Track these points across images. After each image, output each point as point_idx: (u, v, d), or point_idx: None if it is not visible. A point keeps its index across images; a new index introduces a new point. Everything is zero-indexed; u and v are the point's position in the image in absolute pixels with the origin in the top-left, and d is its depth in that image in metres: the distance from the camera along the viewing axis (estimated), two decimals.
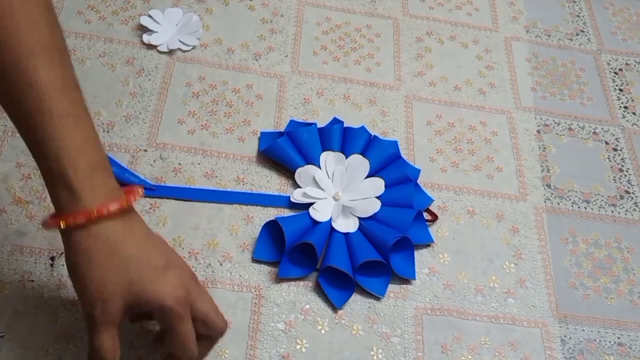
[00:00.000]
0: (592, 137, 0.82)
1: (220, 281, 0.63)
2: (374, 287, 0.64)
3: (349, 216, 0.68)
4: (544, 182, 0.77)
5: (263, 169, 0.72)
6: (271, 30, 0.84)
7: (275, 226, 0.65)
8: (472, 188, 0.74)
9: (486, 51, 0.88)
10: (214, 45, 0.81)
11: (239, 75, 0.79)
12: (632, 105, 0.86)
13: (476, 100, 0.83)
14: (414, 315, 0.64)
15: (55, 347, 0.57)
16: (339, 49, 0.84)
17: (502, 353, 0.63)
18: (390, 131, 0.77)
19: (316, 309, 0.63)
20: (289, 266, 0.64)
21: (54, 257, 0.62)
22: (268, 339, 0.60)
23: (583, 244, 0.73)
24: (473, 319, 0.65)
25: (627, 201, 0.77)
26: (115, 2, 0.83)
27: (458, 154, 0.77)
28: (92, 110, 0.72)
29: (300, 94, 0.78)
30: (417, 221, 0.68)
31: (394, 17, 0.89)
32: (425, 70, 0.84)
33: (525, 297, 0.67)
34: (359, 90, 0.80)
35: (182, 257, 0.51)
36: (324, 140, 0.72)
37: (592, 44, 0.93)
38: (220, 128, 0.74)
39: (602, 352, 0.65)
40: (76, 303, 0.59)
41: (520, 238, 0.71)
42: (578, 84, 0.88)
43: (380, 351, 0.61)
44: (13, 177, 0.66)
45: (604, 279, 0.70)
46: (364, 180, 0.70)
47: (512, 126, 0.81)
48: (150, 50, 0.79)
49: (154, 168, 0.69)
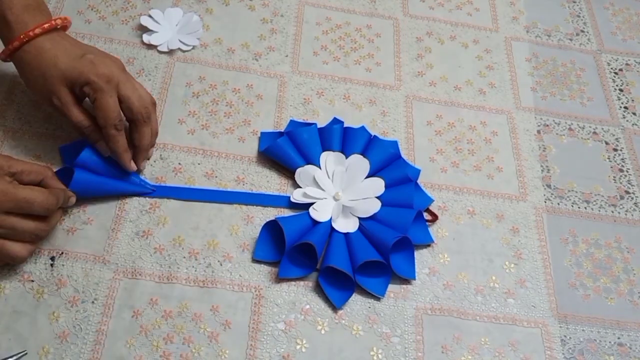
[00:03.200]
0: (592, 137, 0.82)
1: (220, 281, 0.63)
2: (374, 287, 0.64)
3: (349, 216, 0.68)
4: (544, 182, 0.77)
5: (263, 169, 0.72)
6: (271, 30, 0.84)
7: (275, 226, 0.65)
8: (472, 188, 0.74)
9: (486, 51, 0.88)
10: (214, 45, 0.81)
11: (239, 75, 0.79)
12: (632, 105, 0.86)
13: (476, 100, 0.83)
14: (414, 315, 0.64)
15: (55, 347, 0.57)
16: (339, 49, 0.84)
17: (502, 353, 0.63)
18: (390, 131, 0.77)
19: (316, 309, 0.63)
20: (289, 266, 0.64)
21: (54, 257, 0.62)
22: (268, 339, 0.60)
23: (583, 244, 0.73)
24: (473, 319, 0.65)
25: (627, 201, 0.77)
26: (115, 2, 0.83)
27: (458, 154, 0.77)
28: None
29: (300, 94, 0.78)
30: (417, 221, 0.68)
31: (394, 17, 0.89)
32: (425, 70, 0.84)
33: (525, 297, 0.67)
34: (359, 90, 0.80)
35: (116, 57, 0.65)
36: (324, 140, 0.72)
37: (592, 44, 0.93)
38: (220, 128, 0.74)
39: (602, 352, 0.65)
40: (76, 303, 0.59)
41: (520, 238, 0.71)
42: (578, 84, 0.88)
43: (380, 351, 0.61)
44: None
45: (604, 279, 0.70)
46: (364, 180, 0.70)
47: (512, 126, 0.81)
48: (150, 50, 0.79)
49: (154, 168, 0.69)
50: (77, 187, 0.63)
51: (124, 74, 0.64)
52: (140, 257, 0.63)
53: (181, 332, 0.59)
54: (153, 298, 0.61)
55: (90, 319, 0.59)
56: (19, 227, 0.56)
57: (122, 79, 0.63)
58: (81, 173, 0.63)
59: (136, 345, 0.58)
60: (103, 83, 0.61)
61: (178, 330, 0.59)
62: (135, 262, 0.63)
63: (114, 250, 0.63)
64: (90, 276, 0.61)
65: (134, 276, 0.62)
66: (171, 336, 0.59)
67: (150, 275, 0.62)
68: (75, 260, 0.62)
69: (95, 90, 0.61)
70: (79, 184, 0.63)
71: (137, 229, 0.65)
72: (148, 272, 0.62)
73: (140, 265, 0.62)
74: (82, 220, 0.64)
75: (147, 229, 0.65)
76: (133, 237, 0.64)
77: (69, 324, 0.58)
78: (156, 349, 0.58)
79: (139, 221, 0.65)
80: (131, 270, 0.62)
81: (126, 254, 0.63)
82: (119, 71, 0.63)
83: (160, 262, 0.63)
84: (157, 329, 0.59)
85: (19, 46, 0.62)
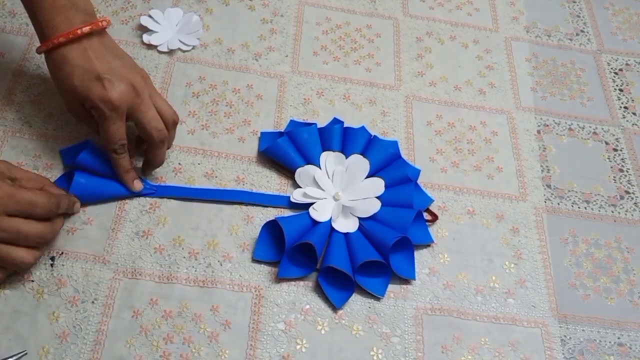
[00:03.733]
0: (592, 137, 0.82)
1: (220, 281, 0.63)
2: (374, 287, 0.64)
3: (349, 216, 0.68)
4: (544, 182, 0.77)
5: (263, 169, 0.72)
6: (271, 30, 0.84)
7: (275, 226, 0.65)
8: (472, 188, 0.74)
9: (486, 51, 0.88)
10: (214, 45, 0.81)
11: (239, 75, 0.79)
12: (632, 105, 0.86)
13: (476, 100, 0.83)
14: (414, 315, 0.64)
15: (55, 347, 0.57)
16: (339, 49, 0.84)
17: (502, 353, 0.63)
18: (390, 131, 0.77)
19: (316, 309, 0.63)
20: (289, 266, 0.64)
21: (54, 257, 0.62)
22: (268, 339, 0.60)
23: (583, 244, 0.73)
24: (473, 319, 0.65)
25: (627, 201, 0.77)
26: (115, 2, 0.83)
27: (458, 154, 0.77)
28: None
29: (300, 94, 0.78)
30: (417, 221, 0.68)
31: (394, 17, 0.89)
32: (425, 70, 0.84)
33: (525, 297, 0.67)
34: (359, 90, 0.80)
35: (140, 71, 0.63)
36: (324, 140, 0.72)
37: (592, 44, 0.93)
38: (221, 128, 0.74)
39: (602, 353, 0.65)
40: (76, 303, 0.59)
41: (520, 238, 0.71)
42: (578, 84, 0.88)
43: (380, 351, 0.61)
44: None
45: (604, 279, 0.70)
46: (364, 180, 0.70)
47: (512, 126, 0.81)
48: (150, 50, 0.79)
49: None
50: (77, 190, 0.63)
51: (139, 98, 0.62)
52: (140, 257, 0.63)
53: (181, 332, 0.59)
54: (153, 298, 0.61)
55: (90, 319, 0.59)
56: (23, 229, 0.55)
57: (136, 103, 0.61)
58: (81, 176, 0.64)
59: (136, 345, 0.58)
60: (107, 110, 0.60)
61: (178, 330, 0.59)
62: (135, 262, 0.63)
63: (114, 250, 0.63)
64: (90, 276, 0.61)
65: (134, 276, 0.62)
66: (171, 336, 0.59)
67: (150, 275, 0.62)
68: (75, 260, 0.62)
69: (99, 115, 0.60)
70: (80, 187, 0.63)
71: (137, 229, 0.65)
72: (148, 272, 0.62)
73: (140, 265, 0.62)
74: (82, 220, 0.64)
75: (147, 229, 0.65)
76: (133, 237, 0.64)
77: (69, 324, 0.58)
78: (156, 349, 0.58)
79: (139, 221, 0.65)
80: (131, 270, 0.62)
81: (126, 254, 0.63)
82: (134, 95, 0.61)
83: (160, 262, 0.63)
84: (157, 329, 0.59)
85: (47, 49, 0.61)
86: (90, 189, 0.64)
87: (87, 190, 0.64)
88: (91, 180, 0.64)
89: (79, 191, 0.63)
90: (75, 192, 0.63)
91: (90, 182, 0.64)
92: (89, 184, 0.64)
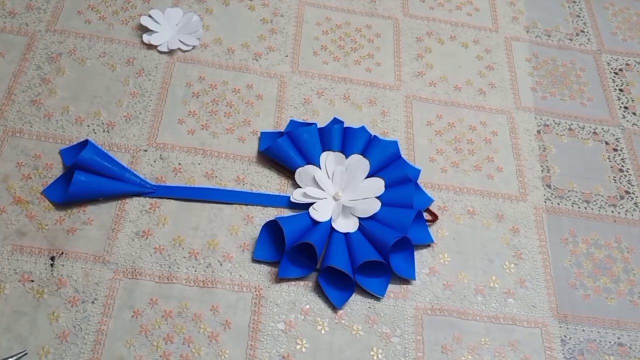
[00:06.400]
0: (592, 137, 0.82)
1: (220, 281, 0.63)
2: (374, 287, 0.64)
3: (349, 216, 0.68)
4: (544, 182, 0.77)
5: (263, 169, 0.72)
6: (271, 30, 0.84)
7: (275, 226, 0.65)
8: (472, 188, 0.74)
9: (486, 51, 0.88)
10: (214, 45, 0.81)
11: (239, 75, 0.79)
12: (632, 105, 0.86)
13: (476, 100, 0.83)
14: (414, 315, 0.64)
15: (55, 347, 0.57)
16: (339, 49, 0.84)
17: (502, 353, 0.63)
18: (390, 131, 0.77)
19: (316, 309, 0.63)
20: (289, 266, 0.64)
21: (54, 257, 0.62)
22: (268, 339, 0.60)
23: (583, 244, 0.73)
24: (473, 319, 0.65)
25: (627, 201, 0.77)
26: (115, 2, 0.83)
27: (458, 154, 0.77)
28: (92, 110, 0.72)
29: (300, 94, 0.78)
30: (417, 221, 0.68)
31: (394, 17, 0.89)
32: (425, 70, 0.84)
33: (525, 297, 0.67)
34: (359, 91, 0.80)
35: None
36: (324, 140, 0.72)
37: (592, 44, 0.93)
38: (220, 128, 0.74)
39: (602, 352, 0.65)
40: (76, 303, 0.59)
41: (520, 238, 0.71)
42: (578, 84, 0.88)
43: (380, 351, 0.61)
44: (13, 177, 0.66)
45: (604, 279, 0.70)
46: (364, 180, 0.70)
47: (512, 126, 0.81)
48: (150, 50, 0.79)
49: (154, 168, 0.69)
50: (77, 188, 0.63)
51: None
52: (140, 257, 0.63)
53: (181, 332, 0.59)
54: (153, 298, 0.61)
55: (90, 319, 0.59)
56: None
57: None
58: (81, 174, 0.64)
59: (136, 345, 0.58)
60: None
61: (178, 330, 0.59)
62: (135, 262, 0.63)
63: (114, 250, 0.63)
64: (90, 276, 0.61)
65: (134, 276, 0.62)
66: (171, 336, 0.59)
67: (150, 275, 0.62)
68: (75, 260, 0.62)
69: None
70: (79, 185, 0.63)
71: (137, 229, 0.65)
72: (148, 272, 0.62)
73: (140, 265, 0.62)
74: (82, 220, 0.64)
75: (147, 229, 0.65)
76: (133, 237, 0.64)
77: (69, 324, 0.58)
78: (156, 349, 0.58)
79: (139, 221, 0.65)
80: (131, 270, 0.62)
81: (126, 254, 0.63)
82: None
83: (160, 262, 0.63)
84: (157, 329, 0.59)
85: None
86: (89, 187, 0.64)
87: (87, 188, 0.64)
88: (91, 179, 0.64)
89: (78, 189, 0.63)
90: (75, 190, 0.63)
91: (90, 180, 0.64)
92: (88, 182, 0.64)
